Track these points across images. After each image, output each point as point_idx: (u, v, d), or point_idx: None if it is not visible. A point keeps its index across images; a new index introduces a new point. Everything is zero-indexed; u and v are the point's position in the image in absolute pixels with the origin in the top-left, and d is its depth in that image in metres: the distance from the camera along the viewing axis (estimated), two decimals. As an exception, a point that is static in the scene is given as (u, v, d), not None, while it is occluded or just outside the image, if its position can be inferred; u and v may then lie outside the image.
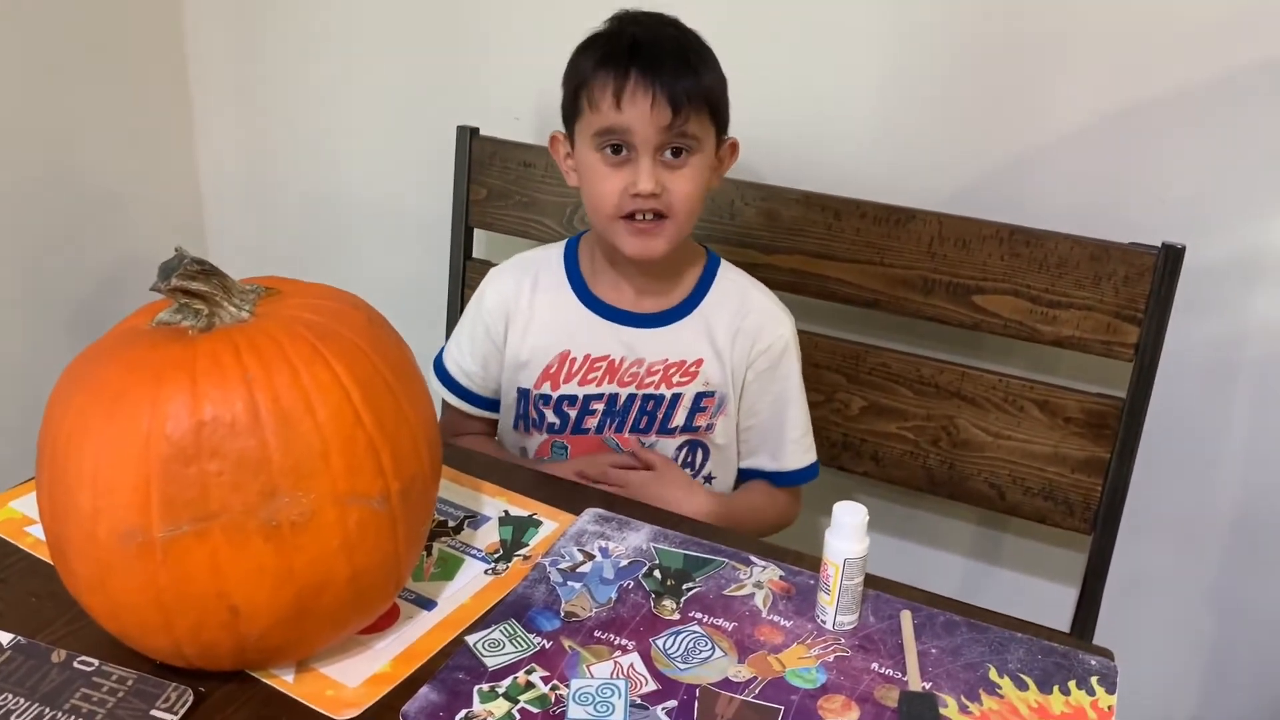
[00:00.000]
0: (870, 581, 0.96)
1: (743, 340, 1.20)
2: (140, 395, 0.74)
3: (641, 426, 1.21)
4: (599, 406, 1.21)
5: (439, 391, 1.29)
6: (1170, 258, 1.16)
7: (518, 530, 1.01)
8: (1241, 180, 1.21)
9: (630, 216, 1.11)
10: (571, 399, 1.21)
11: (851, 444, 1.37)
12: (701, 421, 1.21)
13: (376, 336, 0.84)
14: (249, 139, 1.85)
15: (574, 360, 1.21)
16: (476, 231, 1.57)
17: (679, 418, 1.21)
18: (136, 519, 0.73)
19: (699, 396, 1.20)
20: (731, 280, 1.23)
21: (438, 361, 1.30)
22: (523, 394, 1.24)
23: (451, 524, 1.01)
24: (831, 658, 0.87)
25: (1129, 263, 1.19)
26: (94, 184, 1.71)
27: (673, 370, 1.20)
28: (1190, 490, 1.34)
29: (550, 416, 1.23)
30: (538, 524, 1.03)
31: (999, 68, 1.28)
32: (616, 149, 1.10)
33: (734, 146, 1.19)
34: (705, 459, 1.24)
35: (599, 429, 1.22)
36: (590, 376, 1.21)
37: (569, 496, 1.08)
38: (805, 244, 1.33)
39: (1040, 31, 1.25)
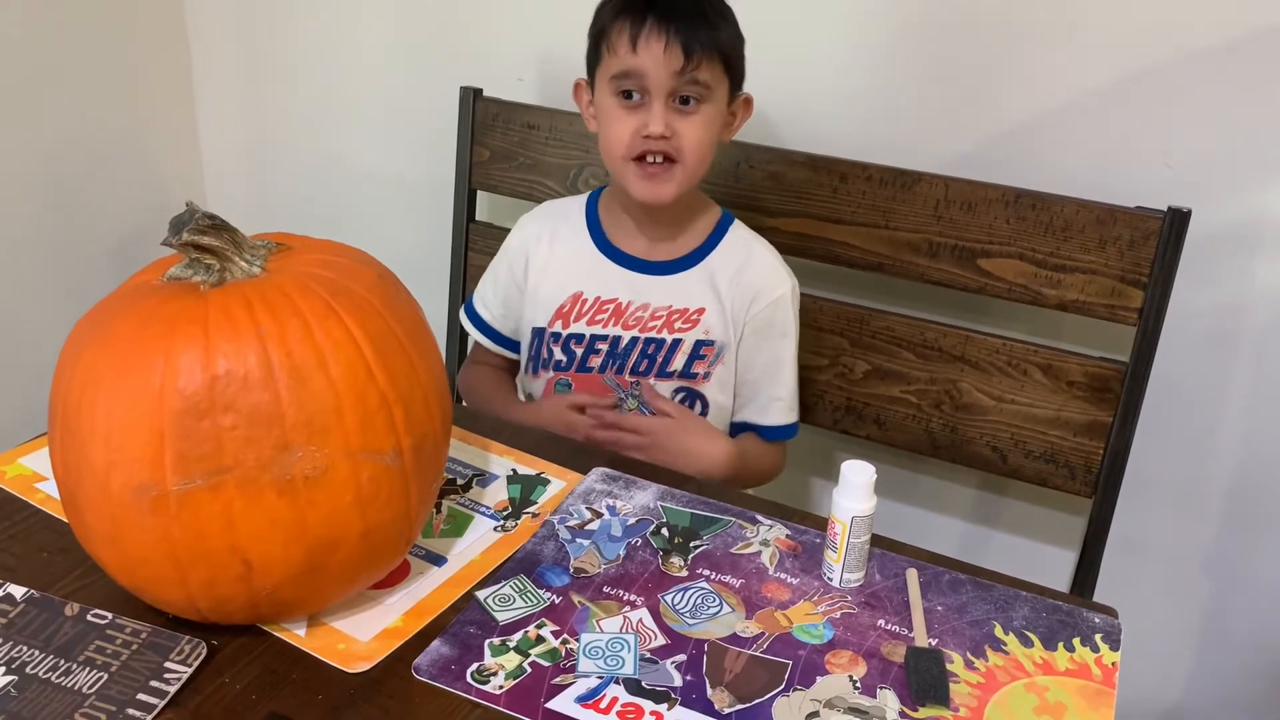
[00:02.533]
0: (876, 541, 0.97)
1: (743, 293, 1.23)
2: (153, 349, 0.74)
3: (641, 369, 1.24)
4: (603, 347, 1.25)
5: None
6: (1176, 222, 1.16)
7: (526, 488, 1.02)
8: (1246, 148, 1.21)
9: (641, 159, 1.15)
10: (579, 338, 1.25)
11: (855, 407, 1.37)
12: (699, 369, 1.24)
13: (388, 293, 0.84)
14: (249, 102, 1.83)
15: (585, 300, 1.25)
16: (479, 194, 1.57)
17: (677, 362, 1.24)
18: (150, 473, 0.74)
19: (698, 344, 1.23)
20: (740, 237, 1.27)
21: (468, 304, 1.38)
22: (537, 333, 1.28)
23: (460, 482, 1.02)
24: (838, 614, 0.88)
25: (1134, 227, 1.19)
26: (95, 149, 1.70)
27: (675, 316, 1.23)
28: (1190, 455, 1.35)
29: (558, 354, 1.27)
30: (546, 482, 1.03)
31: (1007, 31, 1.27)
32: (630, 94, 1.14)
33: (748, 102, 1.22)
34: (704, 410, 1.26)
35: (602, 368, 1.25)
36: (598, 317, 1.25)
37: (576, 456, 1.08)
38: (811, 207, 1.33)
39: (1049, -6, 1.24)
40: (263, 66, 1.80)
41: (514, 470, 1.05)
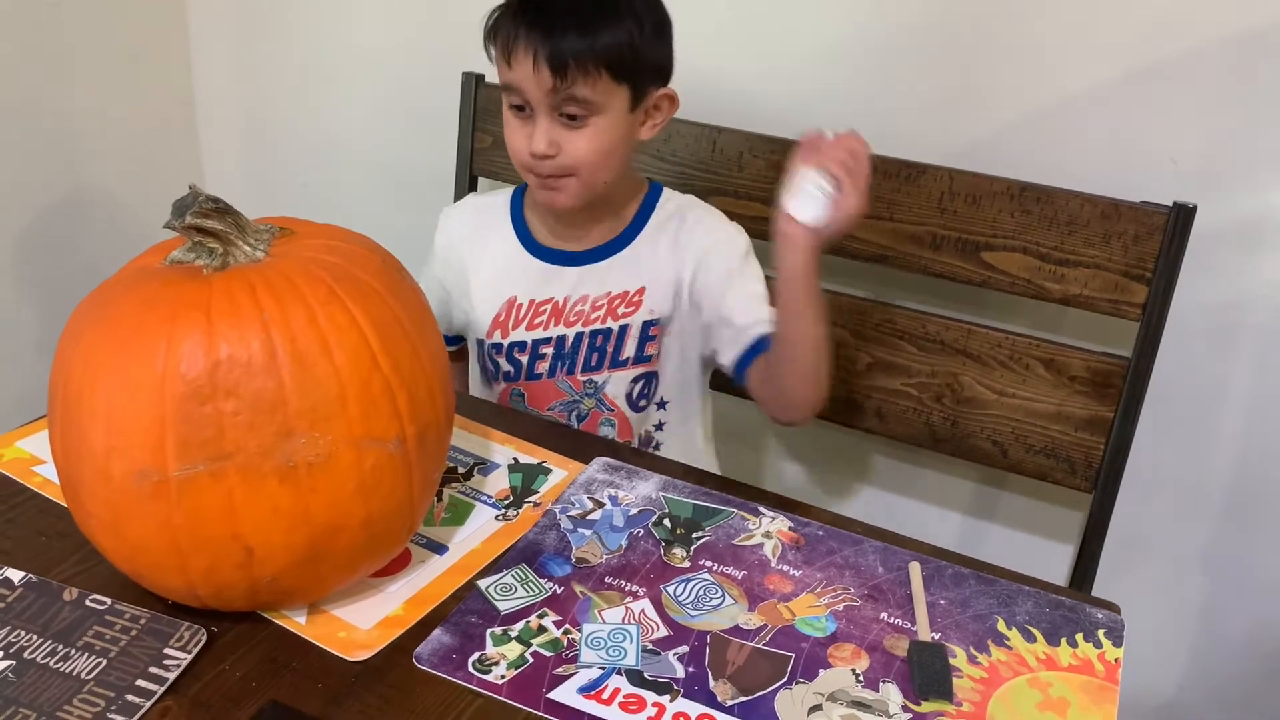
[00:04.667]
0: (878, 534, 0.97)
1: (684, 251, 1.18)
2: (155, 333, 0.74)
3: (593, 364, 1.20)
4: (548, 350, 1.20)
5: None
6: (1181, 217, 1.16)
7: (527, 477, 1.01)
8: (1252, 144, 1.21)
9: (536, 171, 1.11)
10: (521, 345, 1.21)
11: (855, 400, 1.37)
12: (652, 350, 1.20)
13: (392, 280, 0.83)
14: (249, 87, 1.82)
15: (520, 305, 1.21)
16: (480, 180, 1.56)
17: (629, 349, 1.19)
18: (151, 458, 0.73)
19: (646, 325, 1.19)
20: (671, 204, 1.21)
21: None
22: (479, 344, 1.25)
23: (461, 470, 1.01)
24: (841, 607, 0.87)
25: (1139, 222, 1.18)
26: (95, 131, 1.69)
27: (617, 302, 1.18)
28: (1190, 451, 1.35)
29: (505, 365, 1.23)
30: (547, 471, 1.03)
31: (1014, 24, 1.27)
32: (520, 105, 1.09)
33: (671, 99, 1.14)
34: (655, 387, 1.23)
35: (550, 373, 1.21)
36: (537, 321, 1.20)
37: (578, 445, 1.08)
38: (814, 198, 1.32)
39: (1056, -13, 1.24)
40: (263, 50, 1.78)
41: (515, 459, 1.04)
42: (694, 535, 0.95)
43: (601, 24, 1.04)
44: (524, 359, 1.21)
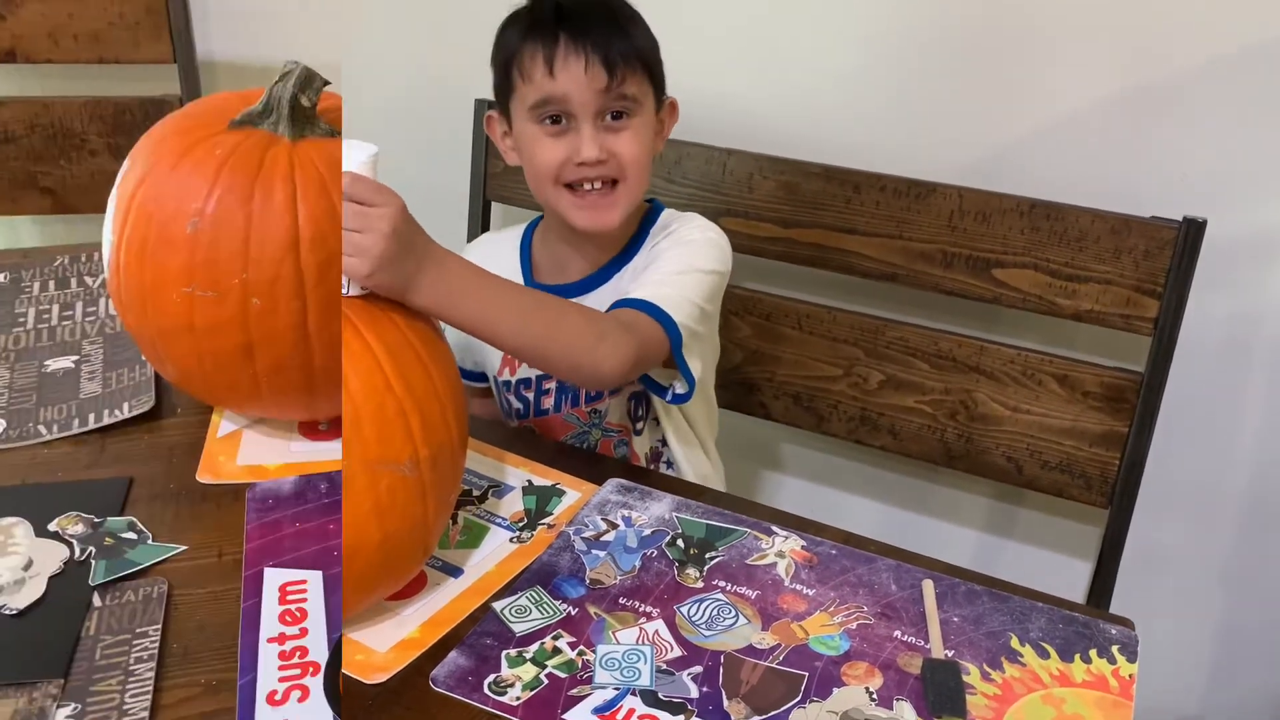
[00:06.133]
0: (890, 551, 0.97)
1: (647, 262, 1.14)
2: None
3: (593, 393, 1.18)
4: (550, 385, 1.19)
5: None
6: (1191, 231, 1.16)
7: (541, 499, 1.02)
8: (1262, 157, 1.21)
9: (574, 186, 1.09)
10: (527, 381, 1.20)
11: (869, 418, 1.37)
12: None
13: (404, 305, 0.84)
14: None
15: None
16: (494, 205, 1.58)
17: None
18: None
19: None
20: (665, 218, 1.19)
21: None
22: (495, 381, 1.24)
23: (476, 493, 1.02)
24: (854, 625, 0.88)
25: (1149, 236, 1.19)
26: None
27: None
28: (1205, 465, 1.35)
29: (515, 402, 1.22)
30: (561, 493, 1.03)
31: (1022, 42, 1.28)
32: (556, 119, 1.08)
33: (674, 106, 1.17)
34: (649, 404, 1.21)
35: (556, 407, 1.20)
36: None
37: (592, 467, 1.08)
38: (825, 218, 1.33)
39: (1061, 2, 1.24)
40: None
41: (529, 481, 1.05)
42: (707, 555, 0.95)
43: (631, 27, 1.09)
44: (530, 395, 1.21)
